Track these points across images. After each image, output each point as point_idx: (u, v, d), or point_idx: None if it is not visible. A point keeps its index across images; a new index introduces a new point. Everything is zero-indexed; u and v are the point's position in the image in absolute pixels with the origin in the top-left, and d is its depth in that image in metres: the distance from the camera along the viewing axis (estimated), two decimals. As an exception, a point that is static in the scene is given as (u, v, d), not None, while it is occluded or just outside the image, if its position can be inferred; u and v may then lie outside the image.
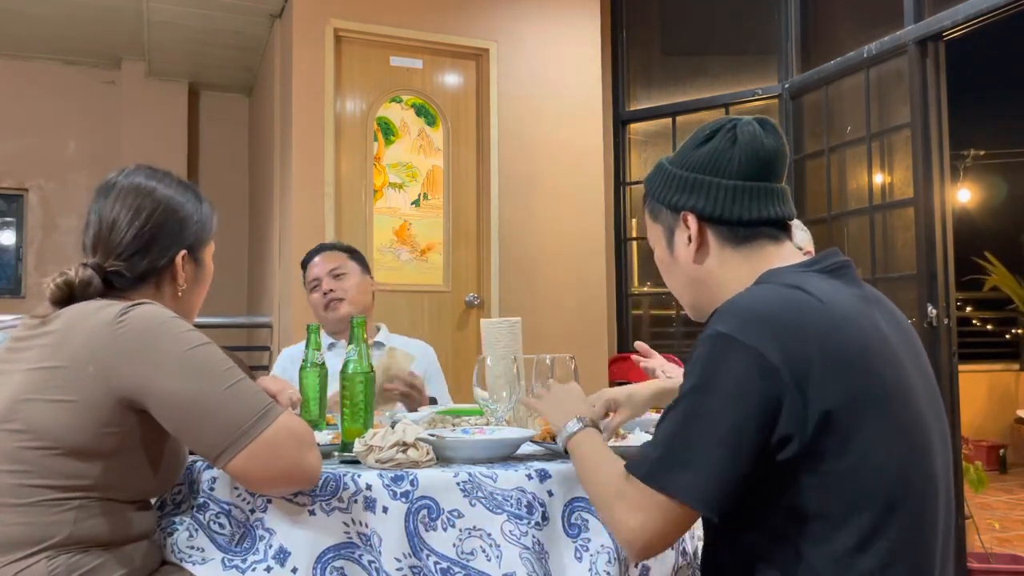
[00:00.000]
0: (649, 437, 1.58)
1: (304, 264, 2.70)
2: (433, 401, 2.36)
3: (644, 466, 1.09)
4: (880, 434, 1.04)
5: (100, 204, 1.37)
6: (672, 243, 1.26)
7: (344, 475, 1.31)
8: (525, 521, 1.33)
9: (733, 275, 1.20)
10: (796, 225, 2.40)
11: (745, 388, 1.03)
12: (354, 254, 2.67)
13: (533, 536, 1.33)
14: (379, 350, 2.56)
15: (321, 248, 2.70)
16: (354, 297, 2.58)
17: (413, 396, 2.12)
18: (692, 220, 1.21)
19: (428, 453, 1.41)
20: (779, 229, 1.22)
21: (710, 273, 1.23)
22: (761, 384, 1.02)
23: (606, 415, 1.62)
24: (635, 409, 1.62)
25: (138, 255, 1.35)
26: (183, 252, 1.40)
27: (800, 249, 2.31)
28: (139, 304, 1.26)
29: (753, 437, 1.03)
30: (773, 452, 1.04)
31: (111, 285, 1.33)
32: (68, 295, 1.29)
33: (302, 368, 1.74)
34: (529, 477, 1.37)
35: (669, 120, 4.71)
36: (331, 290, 2.56)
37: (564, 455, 1.39)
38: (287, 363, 2.57)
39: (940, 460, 1.12)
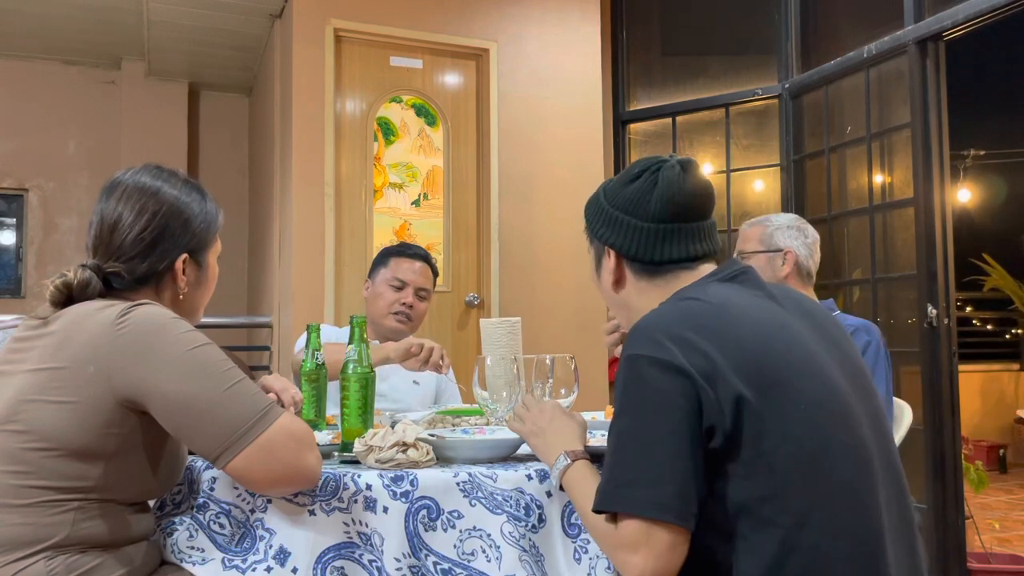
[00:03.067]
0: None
1: (393, 254, 2.60)
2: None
3: (597, 496, 1.14)
4: (792, 412, 1.10)
5: (103, 204, 1.36)
6: (599, 268, 1.38)
7: (344, 475, 1.31)
8: (524, 522, 1.34)
9: (647, 302, 1.29)
10: (800, 228, 2.39)
11: (665, 395, 1.10)
12: (435, 277, 2.63)
13: (530, 538, 1.33)
14: None
15: (422, 256, 2.60)
16: (417, 324, 2.57)
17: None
18: (612, 255, 1.33)
19: (428, 453, 1.41)
20: (694, 261, 1.30)
21: (627, 300, 1.35)
22: (677, 386, 1.10)
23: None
24: None
25: (138, 258, 1.34)
26: (184, 256, 1.38)
27: (780, 250, 2.32)
28: (140, 305, 1.26)
29: (689, 436, 1.09)
30: (706, 444, 1.09)
31: (111, 286, 1.33)
32: (67, 296, 1.29)
33: (302, 368, 1.74)
34: (529, 478, 1.37)
35: (669, 120, 4.71)
36: (411, 306, 2.52)
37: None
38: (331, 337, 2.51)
39: (869, 432, 1.16)
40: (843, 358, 1.21)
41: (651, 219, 1.28)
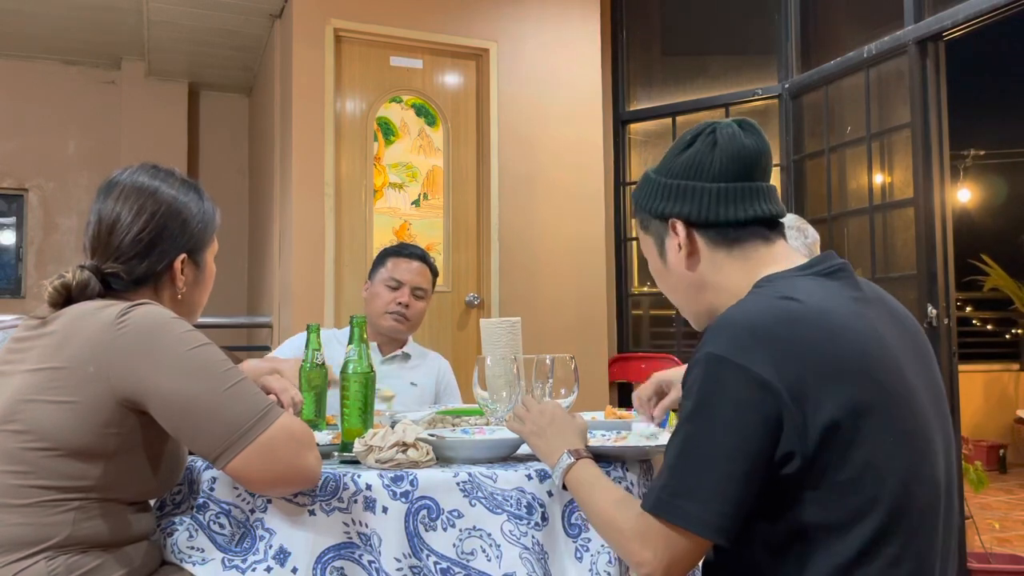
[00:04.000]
0: (647, 437, 1.58)
1: (391, 254, 2.60)
2: None
3: (650, 498, 1.09)
4: (882, 442, 1.03)
5: (101, 204, 1.36)
6: (664, 252, 1.25)
7: (344, 475, 1.31)
8: (525, 521, 1.34)
9: (728, 279, 1.19)
10: (800, 228, 2.39)
11: (742, 410, 1.02)
12: (435, 277, 2.63)
13: (533, 536, 1.33)
14: (406, 361, 2.58)
15: (419, 256, 2.60)
16: (416, 324, 2.56)
17: None
18: (680, 227, 1.21)
19: (428, 453, 1.41)
20: (769, 228, 1.20)
21: (704, 279, 1.22)
22: (758, 404, 1.01)
23: (661, 397, 1.65)
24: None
25: (136, 259, 1.34)
26: (182, 256, 1.38)
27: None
28: (139, 304, 1.26)
29: (756, 458, 1.02)
30: (777, 469, 1.03)
31: (109, 287, 1.33)
32: (66, 298, 1.29)
33: (302, 368, 1.74)
34: (529, 477, 1.37)
35: (669, 120, 4.71)
36: (407, 306, 2.51)
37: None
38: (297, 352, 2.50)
39: (942, 461, 1.11)
40: (929, 378, 1.15)
41: (716, 179, 1.18)
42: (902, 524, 1.03)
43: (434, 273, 2.62)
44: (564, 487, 1.31)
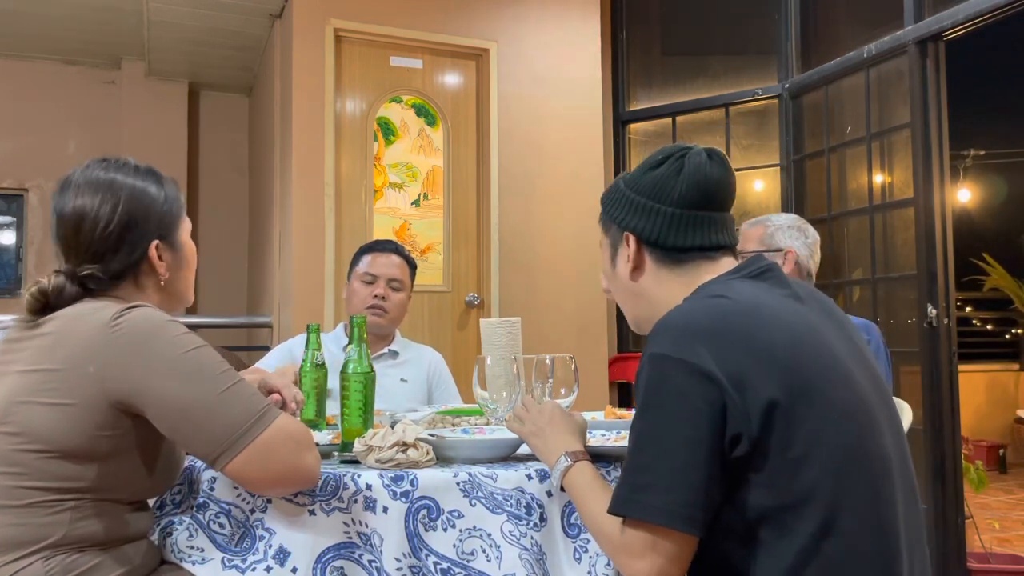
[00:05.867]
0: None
1: (365, 251, 2.61)
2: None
3: (614, 499, 1.12)
4: (823, 419, 1.07)
5: (60, 205, 1.33)
6: (615, 258, 1.33)
7: (344, 475, 1.31)
8: (524, 522, 1.34)
9: (667, 293, 1.27)
10: (801, 228, 2.39)
11: (688, 399, 1.07)
12: (413, 269, 2.62)
13: (532, 537, 1.33)
14: (394, 358, 2.57)
15: (391, 249, 2.60)
16: (396, 316, 2.55)
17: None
18: (632, 241, 1.29)
19: (428, 453, 1.41)
20: (716, 251, 1.27)
21: (644, 289, 1.30)
22: (701, 392, 1.07)
23: None
24: None
25: (109, 253, 1.31)
26: (155, 242, 1.36)
27: (781, 250, 2.33)
28: (135, 307, 1.25)
29: (708, 444, 1.06)
30: (729, 453, 1.07)
31: (88, 288, 1.30)
32: (44, 304, 1.27)
33: (302, 368, 1.74)
34: (529, 477, 1.37)
35: (669, 120, 4.71)
36: (382, 298, 2.50)
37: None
38: (286, 356, 2.50)
39: (889, 439, 1.14)
40: (865, 363, 1.19)
41: (675, 204, 1.25)
42: (856, 499, 1.07)
43: (411, 265, 2.61)
44: (563, 489, 1.31)
